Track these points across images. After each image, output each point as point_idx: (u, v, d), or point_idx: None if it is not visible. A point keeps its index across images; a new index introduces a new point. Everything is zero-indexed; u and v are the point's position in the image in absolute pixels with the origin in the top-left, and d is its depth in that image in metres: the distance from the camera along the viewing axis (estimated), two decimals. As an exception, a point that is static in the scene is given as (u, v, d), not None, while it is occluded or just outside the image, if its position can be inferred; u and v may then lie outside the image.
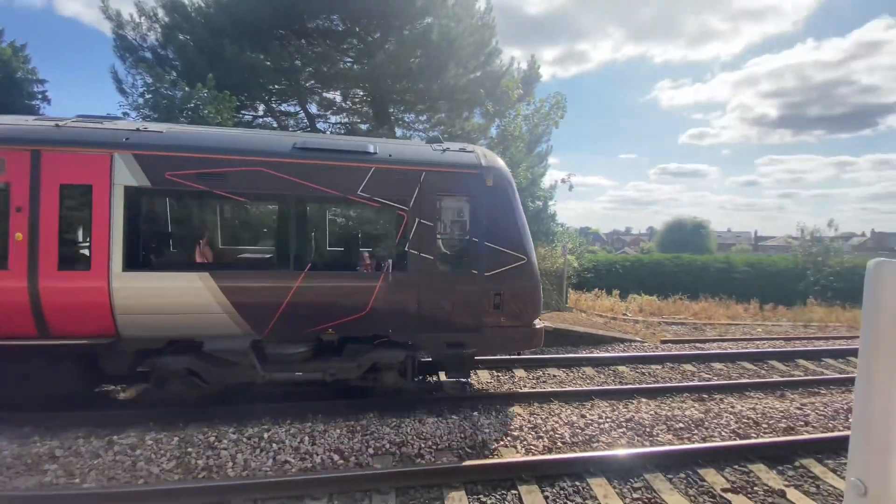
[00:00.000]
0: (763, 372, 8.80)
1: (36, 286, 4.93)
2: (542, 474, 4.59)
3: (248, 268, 6.09)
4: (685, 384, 7.54)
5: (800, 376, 8.41)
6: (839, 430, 5.85)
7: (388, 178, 5.74)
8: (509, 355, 7.85)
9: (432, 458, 4.92)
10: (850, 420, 5.52)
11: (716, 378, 8.21)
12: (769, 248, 58.32)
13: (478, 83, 16.59)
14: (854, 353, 9.06)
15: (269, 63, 14.70)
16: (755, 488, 4.65)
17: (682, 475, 4.77)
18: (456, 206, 6.14)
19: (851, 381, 8.04)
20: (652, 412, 6.34)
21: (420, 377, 6.58)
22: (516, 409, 6.21)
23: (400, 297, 5.75)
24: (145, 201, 5.65)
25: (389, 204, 5.83)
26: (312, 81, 16.82)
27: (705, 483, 4.67)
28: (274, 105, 17.81)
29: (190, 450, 4.85)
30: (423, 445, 5.13)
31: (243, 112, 16.49)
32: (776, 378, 8.26)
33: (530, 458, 4.88)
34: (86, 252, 5.19)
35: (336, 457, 4.85)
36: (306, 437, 5.17)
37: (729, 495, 4.47)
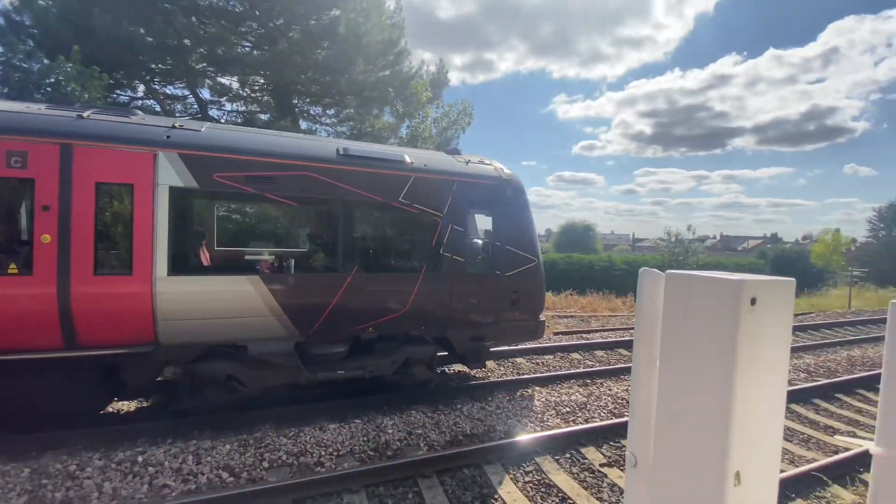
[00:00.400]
0: (636, 358, 10.02)
1: (66, 292, 4.41)
2: (443, 468, 4.75)
3: (297, 271, 5.90)
4: (572, 372, 8.33)
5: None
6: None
7: (425, 186, 6.13)
8: (517, 346, 8.91)
9: (333, 465, 4.81)
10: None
11: (597, 364, 9.19)
12: (644, 249, 66.59)
13: (387, 82, 16.51)
14: None
15: (150, 39, 13.06)
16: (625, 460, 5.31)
17: (568, 455, 5.28)
18: (483, 214, 6.71)
19: None
20: (543, 399, 6.90)
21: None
22: (420, 408, 6.33)
23: (434, 296, 6.11)
24: (192, 203, 5.37)
25: (427, 210, 6.17)
26: (204, 64, 15.32)
27: (587, 460, 5.22)
28: (157, 86, 15.87)
29: (45, 482, 4.15)
30: (323, 453, 4.99)
31: (118, 92, 14.45)
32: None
33: (431, 454, 5.01)
34: (126, 255, 4.76)
35: (225, 474, 4.50)
36: (190, 457, 4.72)
37: (605, 469, 5.06)
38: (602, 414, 6.56)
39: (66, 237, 4.42)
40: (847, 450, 5.48)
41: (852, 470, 5.01)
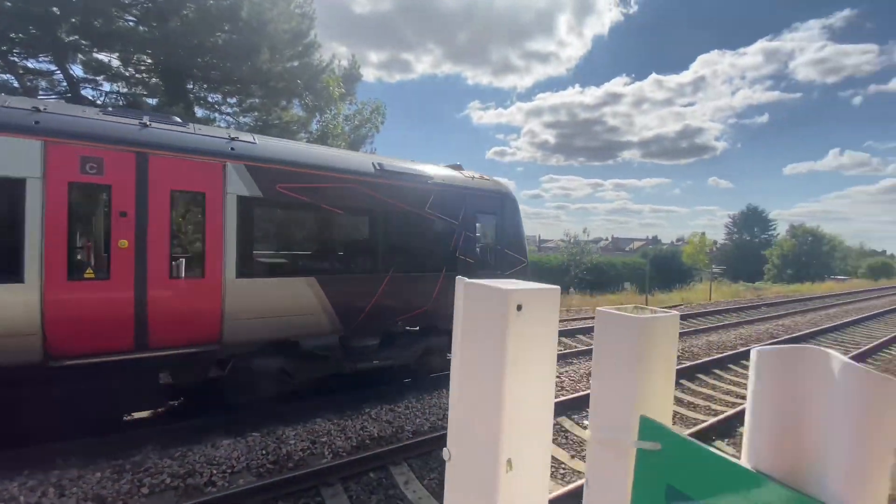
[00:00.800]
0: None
1: (144, 295, 4.63)
2: (347, 475, 4.68)
3: (346, 272, 6.60)
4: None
5: (559, 350, 10.59)
6: (582, 392, 7.58)
7: (445, 198, 7.14)
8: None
9: (226, 483, 4.49)
10: (589, 382, 7.14)
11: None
12: (548, 249, 71.48)
13: (295, 73, 15.73)
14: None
15: (9, 3, 11.00)
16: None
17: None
18: (486, 222, 7.79)
19: (590, 351, 10.48)
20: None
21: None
22: (326, 415, 6.16)
23: (452, 294, 6.31)
24: (257, 211, 5.60)
25: (446, 219, 7.17)
26: (77, 36, 13.25)
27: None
28: (15, 58, 13.37)
29: None
30: (214, 472, 4.63)
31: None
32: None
33: (334, 461, 4.90)
34: (199, 259, 5.08)
35: (95, 506, 3.98)
36: (51, 489, 4.11)
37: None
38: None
39: (142, 242, 4.60)
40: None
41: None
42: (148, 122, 4.89)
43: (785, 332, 13.90)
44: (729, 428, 6.35)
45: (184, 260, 5.01)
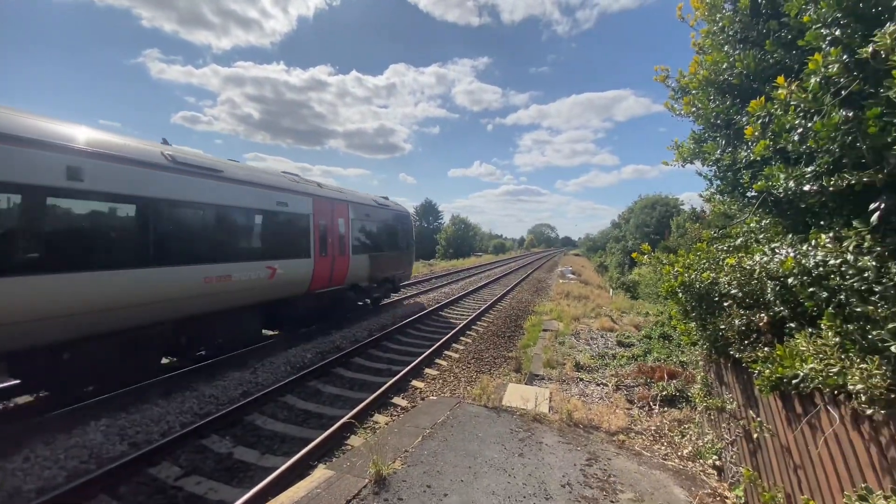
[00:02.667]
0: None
1: (332, 262, 11.47)
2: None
3: (379, 251, 14.75)
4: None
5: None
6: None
7: (393, 216, 15.66)
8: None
9: None
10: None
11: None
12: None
13: None
14: None
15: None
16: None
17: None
18: (402, 228, 16.32)
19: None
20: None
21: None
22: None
23: (400, 262, 16.03)
24: (355, 225, 12.88)
25: (398, 227, 16.00)
26: None
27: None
28: None
29: None
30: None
31: None
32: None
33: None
34: (342, 247, 12.00)
35: None
36: None
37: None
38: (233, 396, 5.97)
39: (321, 239, 10.97)
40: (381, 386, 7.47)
41: (388, 403, 6.89)
42: (321, 185, 12.05)
43: (446, 297, 17.84)
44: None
45: (335, 247, 11.59)
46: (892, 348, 2.36)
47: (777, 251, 3.60)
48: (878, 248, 2.74)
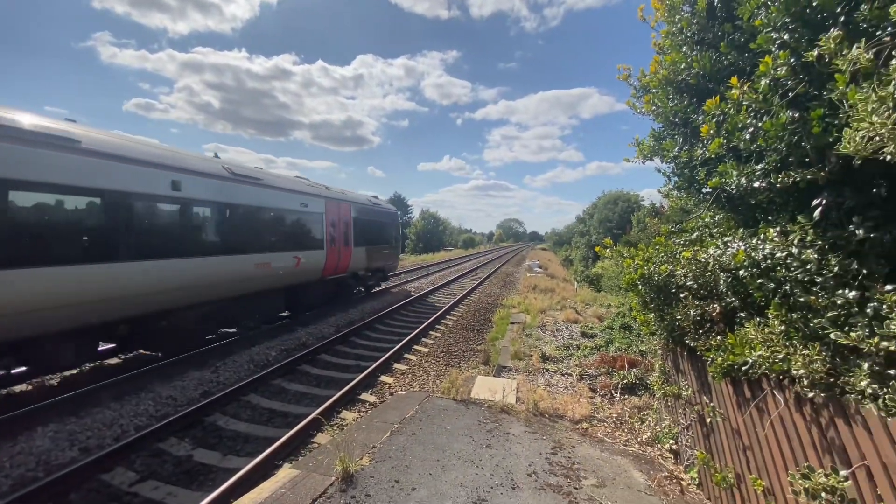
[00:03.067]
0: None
1: (338, 253, 13.61)
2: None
3: (374, 245, 17.05)
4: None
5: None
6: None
7: (383, 214, 18.19)
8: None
9: None
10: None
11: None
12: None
13: None
14: None
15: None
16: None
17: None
18: (391, 224, 18.94)
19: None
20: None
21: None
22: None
23: (390, 255, 18.97)
24: (357, 222, 15.17)
25: (391, 224, 18.93)
26: None
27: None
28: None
29: None
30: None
31: None
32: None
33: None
34: (347, 239, 14.33)
35: None
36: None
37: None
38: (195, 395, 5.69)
39: (331, 234, 13.24)
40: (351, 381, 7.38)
41: (356, 399, 6.81)
42: (328, 188, 14.34)
43: (416, 291, 17.78)
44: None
45: (340, 239, 13.74)
46: (832, 335, 2.53)
47: (729, 245, 3.78)
48: (819, 242, 2.92)
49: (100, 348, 7.57)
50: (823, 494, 2.18)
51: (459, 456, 4.31)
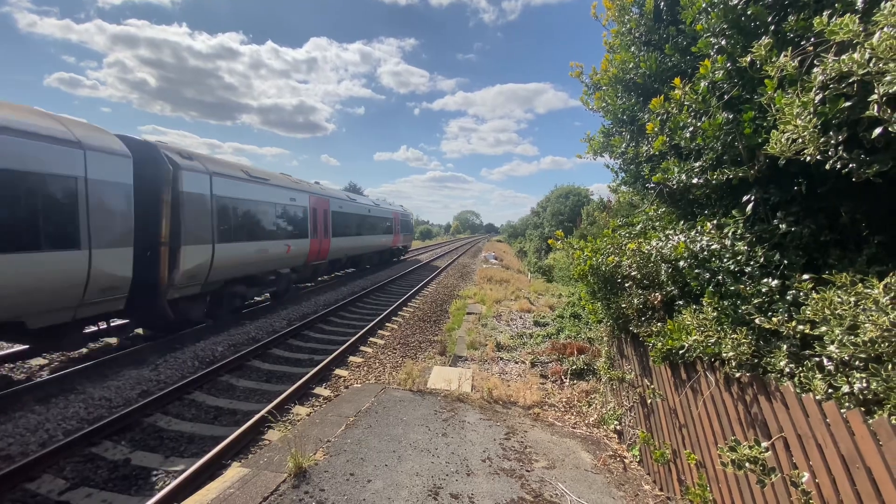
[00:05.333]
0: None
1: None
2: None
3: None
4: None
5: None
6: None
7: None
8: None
9: None
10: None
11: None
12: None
13: None
14: None
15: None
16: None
17: None
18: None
19: None
20: None
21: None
22: None
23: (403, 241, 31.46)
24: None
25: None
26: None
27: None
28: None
29: None
30: None
31: None
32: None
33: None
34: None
35: None
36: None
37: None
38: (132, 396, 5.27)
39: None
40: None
41: (310, 394, 6.64)
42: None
43: (372, 284, 17.57)
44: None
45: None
46: (756, 320, 2.77)
47: (670, 237, 4.03)
48: (748, 235, 3.17)
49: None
50: (747, 464, 2.39)
51: (415, 446, 4.34)
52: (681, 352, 3.38)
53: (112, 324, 8.05)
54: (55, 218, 6.07)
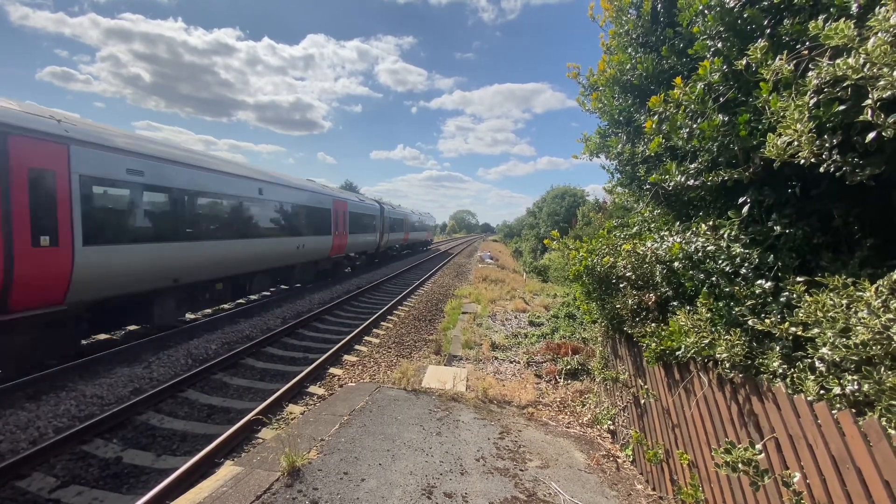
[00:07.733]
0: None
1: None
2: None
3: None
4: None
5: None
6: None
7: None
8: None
9: None
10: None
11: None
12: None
13: None
14: None
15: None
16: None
17: None
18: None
19: None
20: None
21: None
22: None
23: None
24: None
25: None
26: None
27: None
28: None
29: None
30: None
31: None
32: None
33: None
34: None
35: None
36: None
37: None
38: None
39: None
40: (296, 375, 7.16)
41: (304, 393, 6.61)
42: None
43: (367, 283, 17.54)
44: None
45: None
46: (750, 322, 2.78)
47: (665, 238, 4.04)
48: (743, 237, 3.19)
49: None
50: (741, 466, 2.41)
51: (410, 445, 4.34)
52: (676, 353, 3.40)
53: None
54: None
